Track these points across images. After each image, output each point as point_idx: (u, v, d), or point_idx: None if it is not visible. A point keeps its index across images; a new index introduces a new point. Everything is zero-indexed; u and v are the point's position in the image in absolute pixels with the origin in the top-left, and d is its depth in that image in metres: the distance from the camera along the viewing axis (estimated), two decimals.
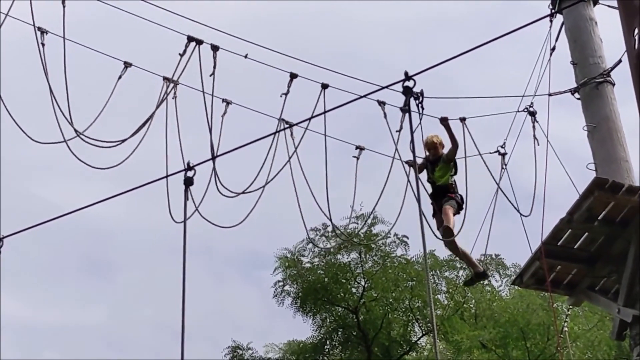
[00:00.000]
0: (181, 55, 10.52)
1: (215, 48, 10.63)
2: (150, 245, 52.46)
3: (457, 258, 31.65)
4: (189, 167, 8.79)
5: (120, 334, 46.04)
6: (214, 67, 10.60)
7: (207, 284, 43.95)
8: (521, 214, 11.75)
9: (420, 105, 8.43)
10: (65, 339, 48.71)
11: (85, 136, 9.76)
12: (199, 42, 10.55)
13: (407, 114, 8.52)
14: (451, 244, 12.15)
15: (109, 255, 53.16)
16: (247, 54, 10.83)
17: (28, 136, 9.52)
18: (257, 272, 52.90)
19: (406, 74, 8.05)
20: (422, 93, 8.35)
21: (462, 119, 11.99)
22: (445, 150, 12.07)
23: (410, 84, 8.23)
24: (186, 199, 8.77)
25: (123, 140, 9.96)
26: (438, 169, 12.09)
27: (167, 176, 9.48)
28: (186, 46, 10.53)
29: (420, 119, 8.69)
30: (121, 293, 49.47)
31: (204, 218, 9.13)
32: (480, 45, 7.73)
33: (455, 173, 12.11)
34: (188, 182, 8.78)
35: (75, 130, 9.70)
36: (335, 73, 10.92)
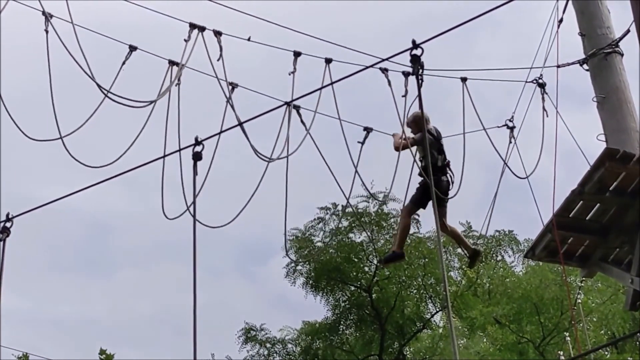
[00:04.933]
0: (186, 41, 10.51)
1: (218, 34, 10.64)
2: (148, 241, 53.00)
3: (469, 233, 31.69)
4: (197, 142, 8.78)
5: (119, 328, 46.26)
6: (220, 50, 10.60)
7: (203, 279, 44.18)
8: (517, 176, 11.65)
9: (420, 77, 8.21)
10: (65, 333, 49.09)
11: (113, 94, 9.71)
12: (202, 29, 10.54)
13: (415, 83, 8.36)
14: (441, 227, 11.55)
15: (108, 251, 53.60)
16: (250, 37, 10.86)
17: (24, 133, 9.38)
18: (253, 267, 53.32)
19: (414, 42, 7.86)
20: (422, 65, 8.17)
21: (463, 79, 11.66)
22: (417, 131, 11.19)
23: (417, 52, 8.01)
24: (195, 174, 8.76)
25: (151, 102, 9.92)
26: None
27: (164, 156, 9.45)
28: (189, 33, 10.52)
29: (419, 93, 8.52)
30: (120, 289, 49.79)
31: (196, 219, 9.00)
32: (488, 11, 7.60)
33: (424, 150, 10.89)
34: (196, 157, 8.77)
35: (100, 87, 9.59)
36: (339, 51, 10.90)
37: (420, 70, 8.07)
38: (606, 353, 29.68)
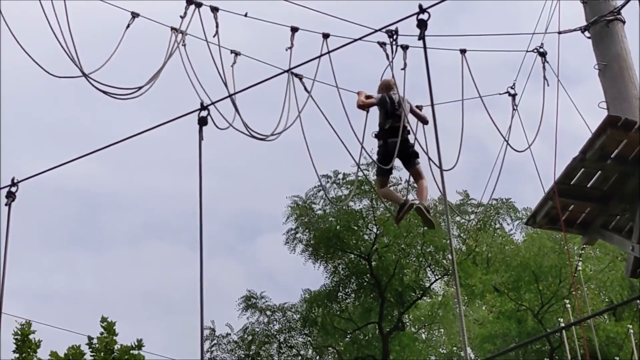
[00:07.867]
0: (182, 17, 10.53)
1: (215, 9, 10.66)
2: (138, 219, 53.04)
3: (467, 202, 31.89)
4: (203, 107, 8.81)
5: (110, 305, 46.30)
6: (217, 26, 10.64)
7: (191, 256, 44.42)
8: (514, 149, 11.63)
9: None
10: (56, 308, 49.20)
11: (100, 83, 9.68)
12: (199, 5, 10.55)
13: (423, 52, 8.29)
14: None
15: (99, 228, 53.60)
16: (246, 13, 10.87)
17: (46, 71, 9.32)
18: (242, 245, 53.27)
19: (420, 6, 7.84)
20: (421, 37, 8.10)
21: (462, 51, 11.56)
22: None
23: (424, 16, 7.96)
24: (201, 138, 8.77)
25: (139, 88, 9.92)
26: None
27: (168, 121, 9.45)
28: (186, 9, 10.53)
29: (404, 64, 8.43)
30: (111, 266, 49.85)
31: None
32: None
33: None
34: (202, 121, 8.80)
35: (85, 75, 9.57)
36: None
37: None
38: (604, 320, 29.83)
